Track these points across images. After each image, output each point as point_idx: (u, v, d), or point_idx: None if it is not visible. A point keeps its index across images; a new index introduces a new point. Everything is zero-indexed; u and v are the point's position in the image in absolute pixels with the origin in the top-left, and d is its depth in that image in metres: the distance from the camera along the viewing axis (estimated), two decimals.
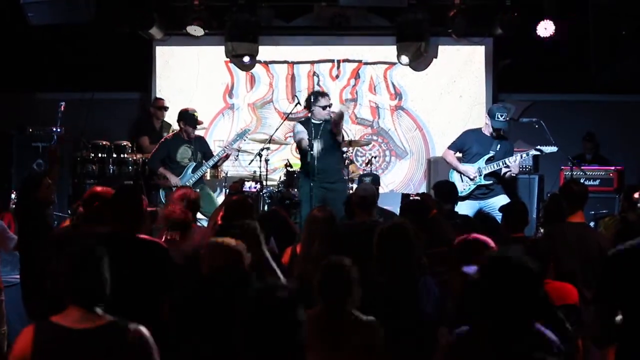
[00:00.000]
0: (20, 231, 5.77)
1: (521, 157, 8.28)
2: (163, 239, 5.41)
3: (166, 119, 10.73)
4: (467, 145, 8.44)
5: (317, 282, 3.92)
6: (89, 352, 3.02)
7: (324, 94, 8.39)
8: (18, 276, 6.01)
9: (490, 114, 8.34)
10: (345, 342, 3.79)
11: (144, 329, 3.17)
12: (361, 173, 9.87)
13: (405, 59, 10.73)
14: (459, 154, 8.52)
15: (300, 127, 8.30)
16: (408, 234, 4.47)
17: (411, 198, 7.30)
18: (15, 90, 11.02)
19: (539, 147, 8.39)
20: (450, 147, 8.61)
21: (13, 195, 8.02)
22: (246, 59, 10.94)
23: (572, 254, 5.04)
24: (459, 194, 7.56)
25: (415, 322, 4.26)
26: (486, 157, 8.24)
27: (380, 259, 4.45)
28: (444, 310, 4.35)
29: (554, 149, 8.36)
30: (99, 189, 5.13)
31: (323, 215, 5.39)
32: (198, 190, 7.61)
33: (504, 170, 8.22)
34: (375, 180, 8.77)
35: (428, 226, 5.44)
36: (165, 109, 10.73)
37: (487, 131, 8.37)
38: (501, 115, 8.25)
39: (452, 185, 7.32)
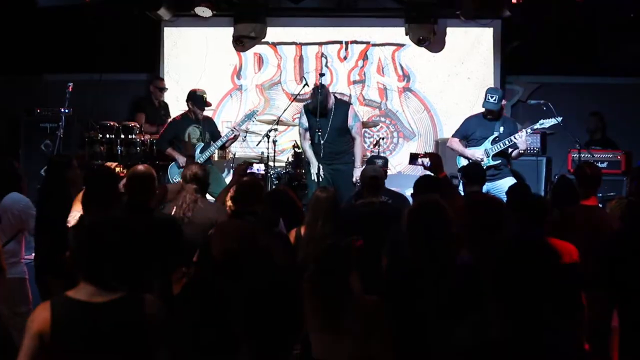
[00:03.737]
0: (41, 210, 5.67)
1: (526, 132, 8.22)
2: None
3: (175, 100, 10.75)
4: (471, 130, 8.42)
5: (316, 263, 3.93)
6: (107, 324, 3.05)
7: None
8: (28, 256, 6.02)
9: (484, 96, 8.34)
10: (347, 323, 3.77)
11: (158, 301, 3.21)
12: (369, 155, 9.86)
13: (424, 40, 10.69)
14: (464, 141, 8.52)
15: (303, 120, 8.38)
16: (442, 210, 4.11)
17: (419, 158, 7.26)
18: (23, 71, 11.03)
19: (541, 120, 8.33)
20: (454, 135, 8.60)
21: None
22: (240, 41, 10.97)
23: (583, 237, 5.03)
24: None
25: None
26: (491, 138, 8.23)
27: (413, 237, 4.05)
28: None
29: (553, 121, 8.29)
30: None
31: (326, 195, 5.40)
32: None
33: (510, 148, 8.22)
34: (384, 163, 8.73)
35: None
36: (164, 89, 10.75)
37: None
38: (492, 97, 8.21)
39: (479, 167, 7.27)
